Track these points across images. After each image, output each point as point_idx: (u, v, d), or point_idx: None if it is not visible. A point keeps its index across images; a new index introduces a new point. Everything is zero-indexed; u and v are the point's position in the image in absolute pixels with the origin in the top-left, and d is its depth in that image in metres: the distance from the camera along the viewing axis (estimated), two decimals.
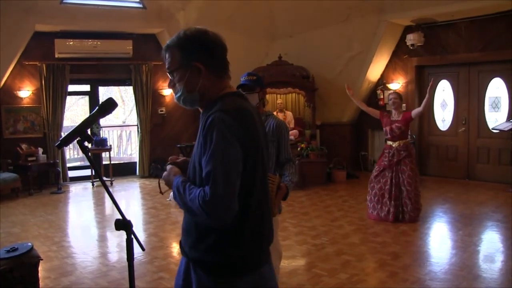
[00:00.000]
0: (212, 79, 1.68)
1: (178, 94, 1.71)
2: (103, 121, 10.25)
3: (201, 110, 1.74)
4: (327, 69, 8.86)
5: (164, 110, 9.65)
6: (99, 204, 7.42)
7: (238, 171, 1.55)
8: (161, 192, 2.04)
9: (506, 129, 7.29)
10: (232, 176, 1.52)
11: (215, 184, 1.49)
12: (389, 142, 5.75)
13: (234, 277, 1.63)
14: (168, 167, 1.79)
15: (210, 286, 1.63)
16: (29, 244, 3.54)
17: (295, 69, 8.70)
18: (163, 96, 9.63)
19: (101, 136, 9.30)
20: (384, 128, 5.81)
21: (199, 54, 1.65)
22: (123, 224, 1.76)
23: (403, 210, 5.65)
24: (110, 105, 1.75)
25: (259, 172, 1.67)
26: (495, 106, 8.06)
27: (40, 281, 3.57)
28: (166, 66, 1.72)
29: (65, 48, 8.39)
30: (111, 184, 8.77)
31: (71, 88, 8.94)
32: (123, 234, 1.76)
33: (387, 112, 5.92)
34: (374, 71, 8.89)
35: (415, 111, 5.66)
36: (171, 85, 1.74)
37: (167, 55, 1.70)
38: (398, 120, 5.64)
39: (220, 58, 1.70)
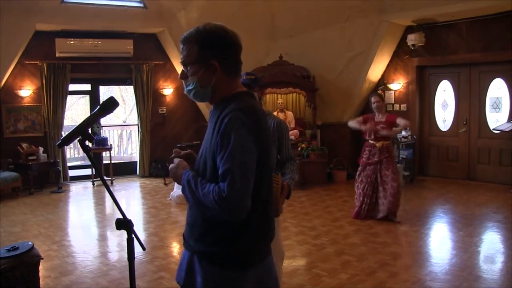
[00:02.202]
0: (226, 78, 1.71)
1: (189, 88, 1.74)
2: (103, 121, 10.26)
3: (212, 105, 1.77)
4: (327, 69, 8.86)
5: (164, 109, 9.65)
6: (99, 204, 7.42)
7: (253, 169, 1.60)
8: (165, 184, 2.05)
9: (507, 129, 7.28)
10: (248, 174, 1.57)
11: (233, 181, 1.53)
12: (372, 141, 5.77)
13: (240, 269, 1.67)
14: (176, 160, 1.81)
15: (216, 278, 1.66)
16: (30, 243, 3.54)
17: (296, 69, 8.69)
18: (164, 96, 9.63)
19: (102, 136, 9.30)
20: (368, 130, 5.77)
21: (216, 51, 1.67)
22: (124, 224, 1.76)
23: (378, 208, 5.74)
24: (111, 104, 1.75)
25: (267, 170, 1.73)
26: (496, 106, 8.05)
27: (40, 280, 3.57)
28: (181, 59, 1.73)
29: (65, 48, 8.39)
30: (112, 183, 8.77)
31: (72, 87, 8.94)
32: (123, 233, 1.76)
33: (371, 114, 5.85)
34: (375, 71, 8.88)
35: (402, 123, 5.65)
36: (183, 77, 1.76)
37: (183, 48, 1.72)
38: (382, 121, 5.66)
39: (235, 57, 1.73)
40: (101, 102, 1.76)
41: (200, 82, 1.71)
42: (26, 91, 8.38)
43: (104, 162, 9.17)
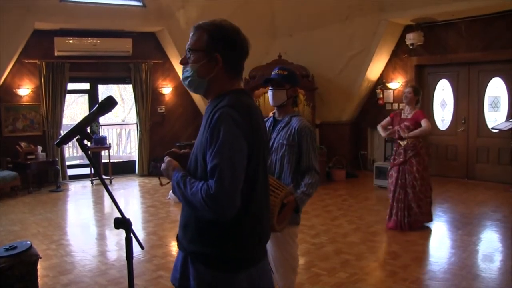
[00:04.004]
0: (223, 75, 1.71)
1: (187, 74, 1.73)
2: (102, 120, 10.24)
3: (207, 100, 1.77)
4: (327, 68, 8.85)
5: (163, 108, 9.65)
6: (98, 203, 7.41)
7: (243, 166, 1.57)
8: (161, 184, 2.02)
9: (505, 128, 7.28)
10: (238, 171, 1.54)
11: (221, 178, 1.50)
12: (398, 141, 5.35)
13: (232, 272, 1.65)
14: (166, 159, 1.79)
15: (208, 279, 1.64)
16: (28, 242, 3.53)
17: (295, 68, 8.63)
18: (163, 95, 9.62)
19: (101, 135, 9.29)
20: (393, 128, 5.41)
21: (222, 47, 1.67)
22: (122, 223, 1.75)
23: (408, 214, 5.24)
24: (110, 104, 1.75)
25: (262, 170, 1.70)
26: (495, 105, 8.06)
27: (39, 279, 3.56)
28: (188, 43, 1.73)
29: (64, 46, 8.37)
30: (110, 182, 8.76)
31: (71, 86, 8.93)
32: (122, 232, 1.75)
33: (398, 110, 5.56)
34: (374, 70, 8.89)
35: (426, 124, 5.12)
36: (183, 62, 1.75)
37: (193, 34, 1.71)
38: (407, 118, 5.22)
39: (238, 60, 1.73)
40: (99, 101, 1.75)
41: (199, 71, 1.70)
42: (25, 89, 8.37)
43: (103, 161, 9.16)
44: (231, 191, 1.51)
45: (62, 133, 8.47)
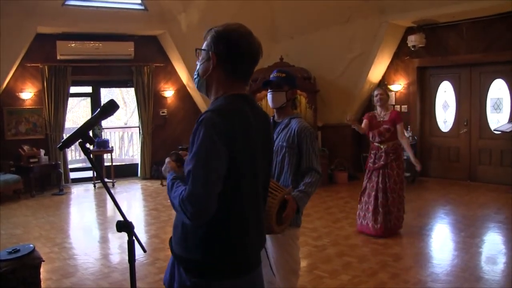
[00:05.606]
0: (221, 76, 1.69)
1: (195, 72, 1.78)
2: (105, 123, 10.27)
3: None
4: (328, 71, 8.86)
5: (165, 111, 9.67)
6: (100, 206, 7.42)
7: (219, 172, 1.54)
8: (162, 185, 2.04)
9: (508, 130, 7.28)
10: (211, 177, 1.52)
11: (192, 183, 1.51)
12: (377, 144, 5.22)
13: (209, 280, 1.62)
14: (166, 160, 1.82)
15: (187, 284, 1.63)
16: (31, 245, 3.55)
17: (297, 71, 8.65)
18: (165, 98, 9.64)
19: (103, 138, 9.31)
20: (371, 132, 5.22)
21: (220, 47, 1.67)
22: (125, 226, 1.76)
23: (389, 219, 5.13)
24: (111, 107, 1.76)
25: (249, 176, 1.66)
26: (497, 107, 8.05)
27: (41, 282, 3.58)
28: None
29: (67, 50, 8.41)
30: (113, 185, 8.77)
31: (73, 89, 8.96)
32: (124, 235, 1.76)
33: (371, 112, 5.38)
34: (376, 73, 8.89)
35: (401, 131, 5.10)
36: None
37: (205, 35, 1.74)
38: (385, 120, 5.11)
39: (238, 62, 1.69)
40: (102, 104, 1.76)
41: (200, 70, 1.74)
42: (28, 93, 8.40)
43: (106, 164, 9.18)
44: (202, 196, 1.50)
45: (65, 136, 8.49)
